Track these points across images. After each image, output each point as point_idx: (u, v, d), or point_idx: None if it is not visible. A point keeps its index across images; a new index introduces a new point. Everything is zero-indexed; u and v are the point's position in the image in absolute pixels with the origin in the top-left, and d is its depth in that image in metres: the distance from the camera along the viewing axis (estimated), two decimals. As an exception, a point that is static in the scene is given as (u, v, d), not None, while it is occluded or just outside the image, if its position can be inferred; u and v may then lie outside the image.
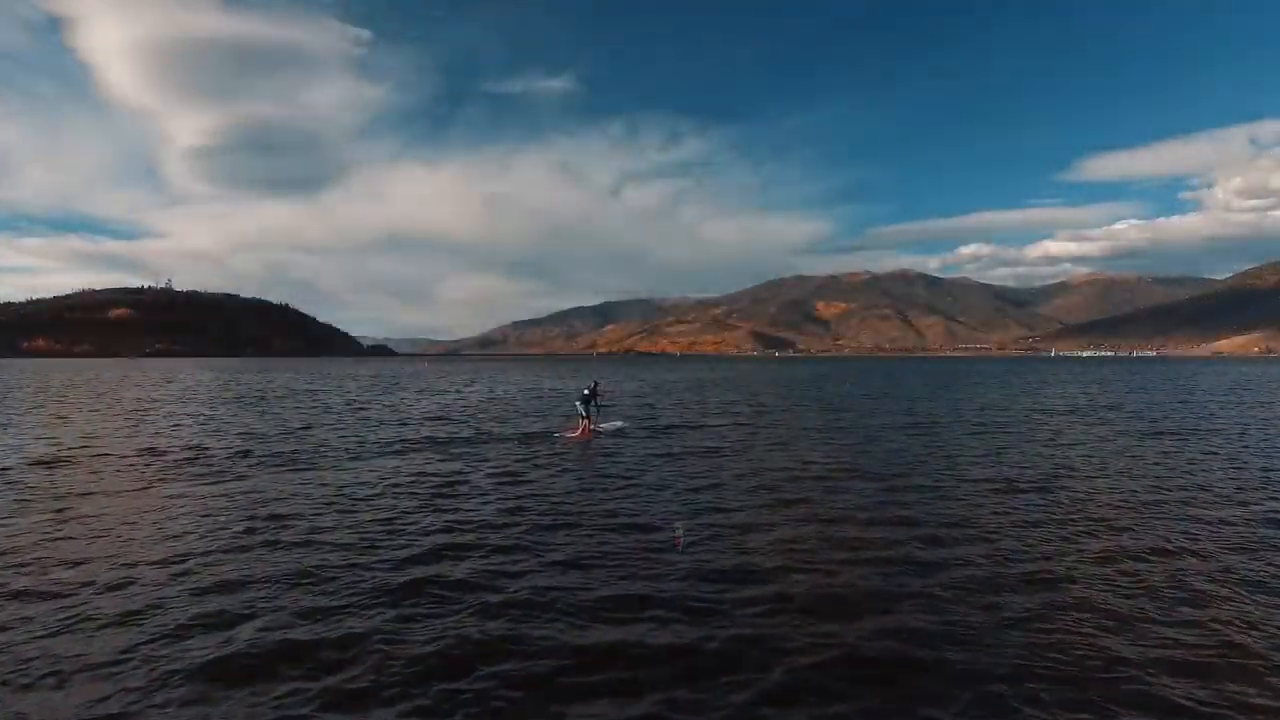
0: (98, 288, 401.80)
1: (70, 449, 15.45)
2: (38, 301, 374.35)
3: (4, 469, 12.86)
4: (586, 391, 18.09)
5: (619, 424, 19.85)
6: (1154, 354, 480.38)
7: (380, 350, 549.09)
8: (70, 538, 8.07)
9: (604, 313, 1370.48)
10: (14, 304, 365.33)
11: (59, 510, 9.44)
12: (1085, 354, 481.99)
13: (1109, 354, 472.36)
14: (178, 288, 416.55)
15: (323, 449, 15.54)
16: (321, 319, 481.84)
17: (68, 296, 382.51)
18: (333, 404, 29.53)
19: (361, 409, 26.77)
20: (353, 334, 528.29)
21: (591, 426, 17.96)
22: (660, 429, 19.52)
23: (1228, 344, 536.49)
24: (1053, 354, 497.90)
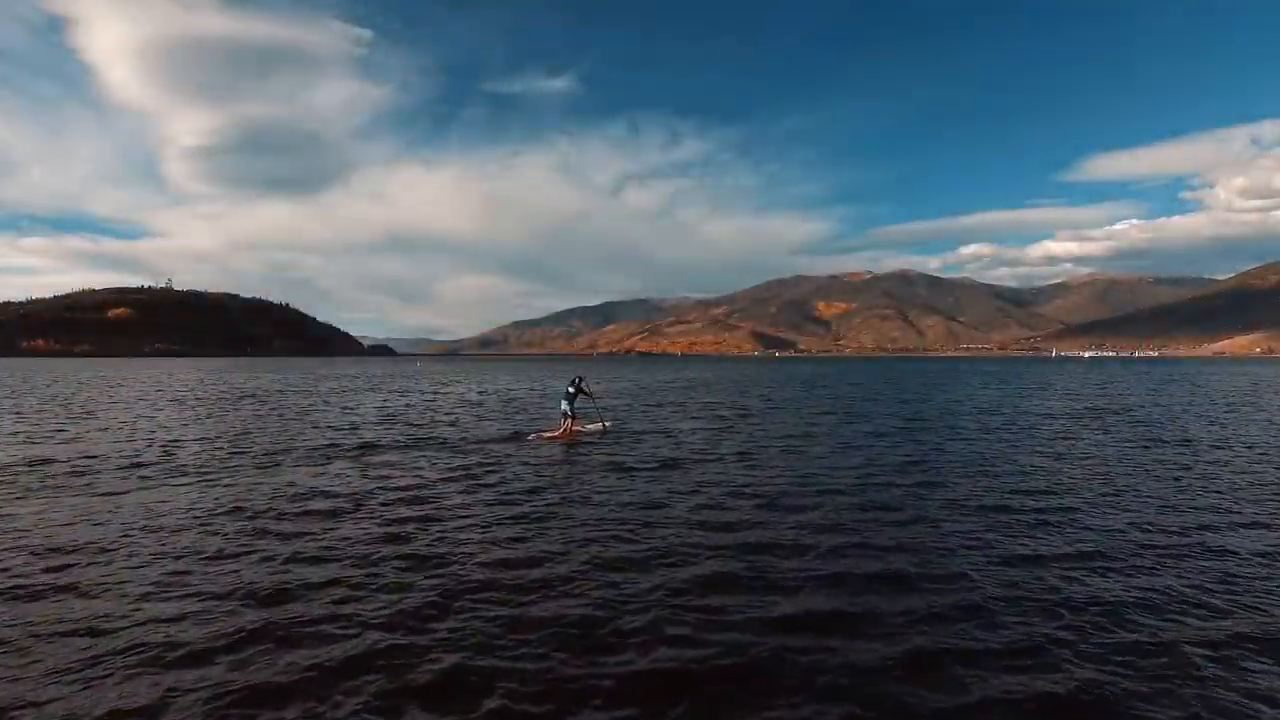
0: (97, 287, 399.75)
1: (-50, 459, 13.62)
2: (37, 301, 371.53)
3: None
4: (571, 389, 16.79)
5: (609, 423, 18.85)
6: (1155, 354, 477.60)
7: (381, 350, 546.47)
8: None
9: (604, 313, 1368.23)
10: (13, 303, 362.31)
11: None
12: (1087, 354, 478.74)
13: (1110, 354, 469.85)
14: (178, 287, 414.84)
15: (236, 457, 13.71)
16: (322, 319, 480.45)
17: (67, 296, 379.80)
18: (293, 405, 27.69)
19: (318, 411, 24.96)
20: (354, 334, 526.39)
21: (575, 427, 16.78)
22: (626, 435, 17.66)
23: (1229, 344, 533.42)
24: (1053, 354, 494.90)
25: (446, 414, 23.82)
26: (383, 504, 9.60)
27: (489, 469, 12.45)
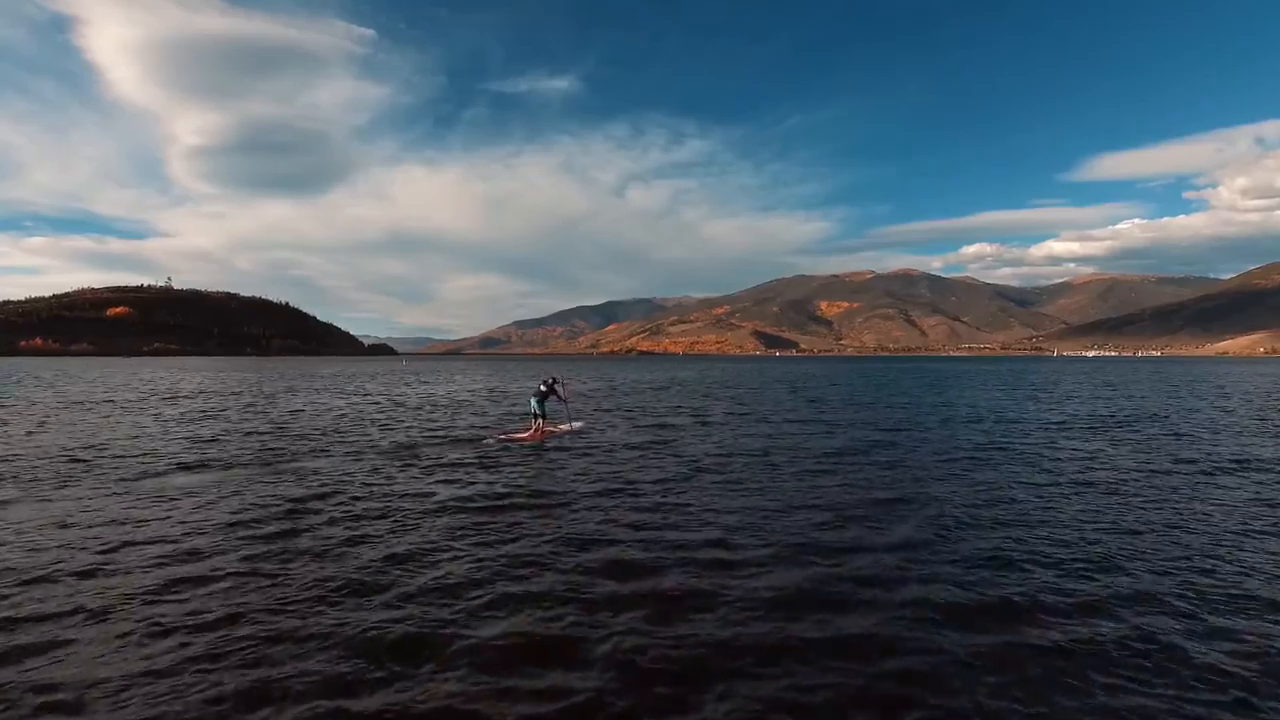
0: (98, 286, 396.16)
1: None
2: (35, 300, 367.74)
3: None
4: (543, 388, 15.96)
5: (580, 424, 18.43)
6: (1158, 354, 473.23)
7: (381, 349, 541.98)
8: None
9: (607, 312, 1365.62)
10: (12, 302, 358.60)
11: None
12: (1090, 354, 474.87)
13: (1113, 354, 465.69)
14: (178, 287, 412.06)
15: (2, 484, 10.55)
16: (324, 318, 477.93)
17: (65, 295, 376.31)
18: (200, 410, 24.53)
19: (217, 416, 21.75)
20: (355, 334, 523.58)
21: (547, 428, 16.07)
22: (549, 450, 14.40)
23: (1233, 344, 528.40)
24: (1055, 354, 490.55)
25: (356, 421, 20.64)
26: (103, 560, 6.36)
27: (312, 498, 9.26)
